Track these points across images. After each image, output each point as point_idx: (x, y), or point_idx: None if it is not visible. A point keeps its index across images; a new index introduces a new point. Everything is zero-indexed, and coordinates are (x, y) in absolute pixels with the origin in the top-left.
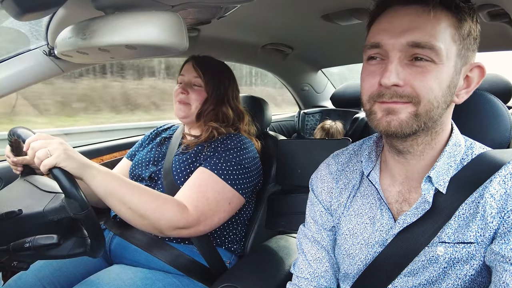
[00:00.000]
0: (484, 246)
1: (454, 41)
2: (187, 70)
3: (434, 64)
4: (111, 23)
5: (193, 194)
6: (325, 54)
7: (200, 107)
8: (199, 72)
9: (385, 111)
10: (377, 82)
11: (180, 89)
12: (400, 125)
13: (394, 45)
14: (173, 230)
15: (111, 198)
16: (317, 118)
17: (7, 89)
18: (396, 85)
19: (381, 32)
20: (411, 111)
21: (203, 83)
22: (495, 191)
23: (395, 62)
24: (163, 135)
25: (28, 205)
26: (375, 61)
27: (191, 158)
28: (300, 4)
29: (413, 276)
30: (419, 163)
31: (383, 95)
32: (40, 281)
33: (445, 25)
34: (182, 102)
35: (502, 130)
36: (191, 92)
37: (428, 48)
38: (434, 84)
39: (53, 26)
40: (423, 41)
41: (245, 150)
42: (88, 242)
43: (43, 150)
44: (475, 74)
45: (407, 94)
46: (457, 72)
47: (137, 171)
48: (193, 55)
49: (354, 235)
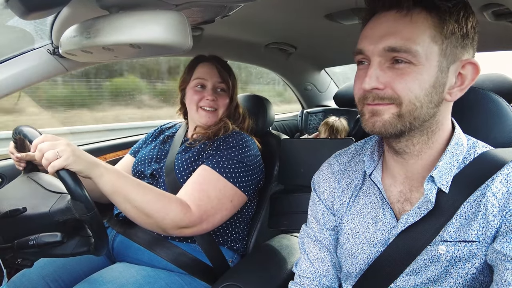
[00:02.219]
0: (485, 245)
1: (434, 41)
2: (210, 74)
3: (413, 65)
4: (116, 22)
5: (195, 192)
6: (328, 53)
7: (226, 111)
8: (225, 77)
9: (370, 113)
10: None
11: (210, 96)
12: (383, 126)
13: (373, 51)
14: (176, 229)
15: (117, 196)
16: (320, 118)
17: (11, 88)
18: (376, 88)
19: (364, 38)
20: (394, 112)
21: (226, 87)
22: (497, 189)
23: (374, 66)
24: (166, 133)
25: (33, 205)
26: (362, 65)
27: (194, 156)
28: (304, 3)
29: (415, 275)
30: (418, 163)
31: (367, 97)
32: (44, 279)
33: (424, 27)
34: (211, 110)
35: (506, 130)
36: (218, 97)
37: (404, 51)
38: (414, 85)
39: (58, 25)
40: (398, 45)
41: (247, 148)
42: (92, 241)
43: (52, 152)
44: (468, 71)
45: (388, 96)
46: (442, 71)
47: (139, 167)
48: (203, 55)
49: (356, 235)
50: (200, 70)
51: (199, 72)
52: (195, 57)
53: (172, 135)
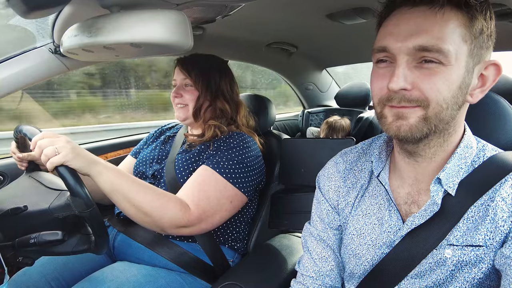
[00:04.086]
0: (493, 250)
1: (464, 41)
2: (177, 74)
3: (443, 65)
4: (117, 21)
5: (195, 192)
6: (330, 53)
7: (195, 105)
8: (186, 73)
9: (395, 116)
10: (386, 86)
11: (173, 93)
12: (410, 130)
13: (401, 49)
14: (174, 228)
15: (116, 195)
16: (321, 118)
17: (12, 87)
18: (404, 89)
19: (388, 36)
20: (420, 115)
21: (192, 82)
22: (507, 194)
23: (402, 66)
24: (167, 133)
25: (34, 202)
26: (384, 63)
27: (194, 157)
28: (305, 3)
29: (420, 278)
30: (430, 165)
31: (392, 99)
32: (45, 277)
33: (454, 25)
34: (180, 106)
35: (508, 131)
36: (184, 93)
37: (436, 51)
38: (443, 85)
39: (59, 24)
40: (430, 44)
41: (247, 148)
42: (92, 239)
43: (51, 148)
44: (490, 72)
45: (415, 98)
46: (468, 72)
47: (140, 168)
48: (178, 58)
49: (361, 235)
50: (174, 73)
51: (174, 75)
52: None
53: (173, 136)
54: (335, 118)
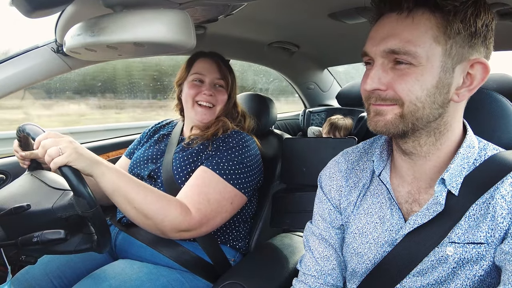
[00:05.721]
0: (494, 247)
1: (437, 42)
2: (209, 70)
3: (414, 66)
4: (120, 21)
5: (195, 195)
6: (331, 52)
7: (224, 107)
8: (225, 73)
9: (374, 112)
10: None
11: (207, 91)
12: (385, 125)
13: (376, 52)
14: (176, 232)
15: (117, 196)
16: (322, 117)
17: (15, 86)
18: (378, 89)
19: (368, 40)
20: (396, 113)
21: (225, 84)
22: (506, 192)
23: (376, 68)
24: (161, 132)
25: (37, 201)
26: (369, 66)
27: (192, 157)
28: (307, 2)
29: (422, 276)
30: (426, 164)
31: (370, 98)
32: (48, 276)
33: (425, 28)
34: (207, 105)
35: (510, 130)
36: (216, 93)
37: (403, 53)
38: (415, 85)
39: (62, 23)
40: (397, 47)
41: (247, 148)
42: (95, 238)
43: (55, 148)
44: (477, 71)
45: (389, 97)
46: (446, 71)
47: (136, 170)
48: (203, 51)
49: (363, 234)
50: (199, 65)
51: (197, 67)
52: (195, 53)
53: (168, 134)
54: (338, 116)
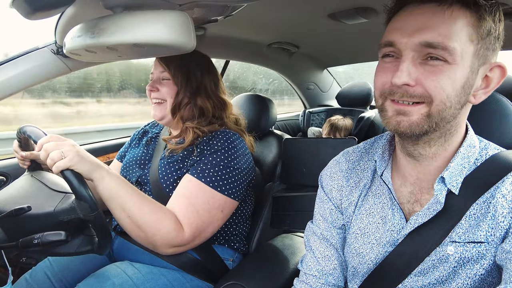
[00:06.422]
0: (494, 246)
1: (471, 40)
2: (154, 67)
3: (448, 64)
4: (120, 22)
5: (183, 208)
6: (331, 53)
7: (173, 101)
8: (164, 65)
9: (395, 111)
10: (390, 80)
11: (149, 86)
12: (410, 126)
13: (407, 44)
14: (167, 248)
15: (113, 202)
16: (322, 117)
17: (15, 88)
18: (407, 84)
19: (395, 30)
20: (423, 112)
21: (170, 76)
22: (507, 191)
23: (407, 61)
24: (149, 134)
25: (38, 204)
26: (389, 58)
27: (178, 164)
28: (307, 3)
29: (423, 276)
30: (432, 165)
31: (394, 93)
32: (49, 278)
33: (462, 24)
34: (157, 101)
35: (511, 130)
36: (161, 86)
37: (441, 48)
38: (447, 84)
39: (62, 24)
40: (435, 41)
41: (233, 149)
42: (96, 240)
43: (57, 152)
44: (495, 74)
45: (418, 94)
46: (473, 72)
47: (124, 174)
48: None
49: (365, 235)
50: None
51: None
52: None
53: (156, 136)
54: (337, 117)
